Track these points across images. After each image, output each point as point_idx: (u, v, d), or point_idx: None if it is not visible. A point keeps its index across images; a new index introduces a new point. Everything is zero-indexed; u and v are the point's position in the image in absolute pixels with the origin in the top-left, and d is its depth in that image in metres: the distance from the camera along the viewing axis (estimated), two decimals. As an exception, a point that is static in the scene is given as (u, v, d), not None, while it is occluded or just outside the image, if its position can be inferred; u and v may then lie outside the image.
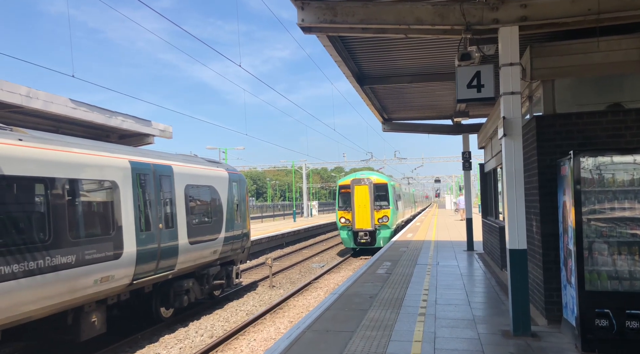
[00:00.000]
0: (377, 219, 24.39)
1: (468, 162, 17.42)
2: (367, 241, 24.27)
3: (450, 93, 13.71)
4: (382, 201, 24.82)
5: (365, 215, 24.25)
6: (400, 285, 10.70)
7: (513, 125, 6.81)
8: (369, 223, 24.20)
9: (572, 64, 7.33)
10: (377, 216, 24.43)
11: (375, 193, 24.65)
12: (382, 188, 25.17)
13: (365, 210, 24.31)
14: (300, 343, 6.62)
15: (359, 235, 24.38)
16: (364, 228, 24.25)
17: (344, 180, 26.23)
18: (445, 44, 9.39)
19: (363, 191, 24.47)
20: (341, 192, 25.64)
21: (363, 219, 24.26)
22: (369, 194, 24.36)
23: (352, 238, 24.58)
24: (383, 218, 24.44)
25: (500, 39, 6.88)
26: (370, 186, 24.53)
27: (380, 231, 24.50)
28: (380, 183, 25.16)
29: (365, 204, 24.30)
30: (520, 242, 6.76)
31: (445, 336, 6.76)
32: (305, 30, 7.52)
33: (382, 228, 24.50)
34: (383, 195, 24.99)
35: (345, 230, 24.77)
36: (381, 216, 24.49)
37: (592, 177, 6.16)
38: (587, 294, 5.96)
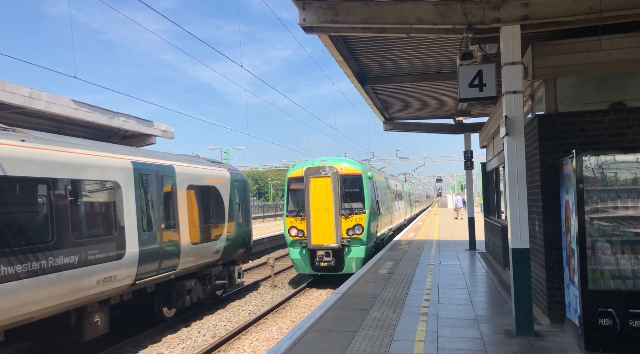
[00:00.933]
0: (346, 230, 15.97)
1: (470, 161, 17.41)
2: (329, 265, 15.75)
3: (452, 92, 13.69)
4: (355, 203, 16.33)
5: (327, 224, 15.76)
6: (403, 284, 10.69)
7: (515, 124, 6.79)
8: (333, 236, 15.67)
9: (575, 63, 7.32)
10: (346, 225, 16.00)
11: (343, 189, 16.26)
12: (355, 182, 16.59)
13: (327, 216, 15.78)
14: (302, 343, 6.62)
15: (318, 255, 15.82)
16: (324, 244, 15.71)
17: (295, 171, 17.17)
18: (446, 43, 9.38)
19: (323, 187, 15.92)
20: (291, 189, 16.93)
21: (323, 230, 15.75)
22: (333, 191, 15.79)
23: (308, 259, 16.10)
24: (355, 229, 15.99)
25: (502, 38, 6.87)
26: (335, 179, 15.83)
27: (351, 250, 15.95)
28: (351, 174, 16.53)
29: (327, 207, 15.77)
30: (522, 241, 6.75)
31: (448, 336, 6.75)
32: (307, 30, 7.52)
33: (354, 245, 15.96)
34: (356, 192, 16.49)
35: (298, 246, 16.22)
36: (352, 225, 16.03)
37: (595, 175, 6.14)
38: (590, 293, 5.94)
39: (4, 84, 9.73)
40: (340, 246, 15.73)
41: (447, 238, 22.01)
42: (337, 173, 15.98)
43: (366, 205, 16.29)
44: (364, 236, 15.99)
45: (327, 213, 15.79)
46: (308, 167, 16.28)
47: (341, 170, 16.28)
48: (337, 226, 15.77)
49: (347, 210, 16.15)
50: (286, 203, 16.90)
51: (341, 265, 15.99)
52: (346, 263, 15.97)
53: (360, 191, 16.47)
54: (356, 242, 16.01)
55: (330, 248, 15.76)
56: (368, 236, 16.24)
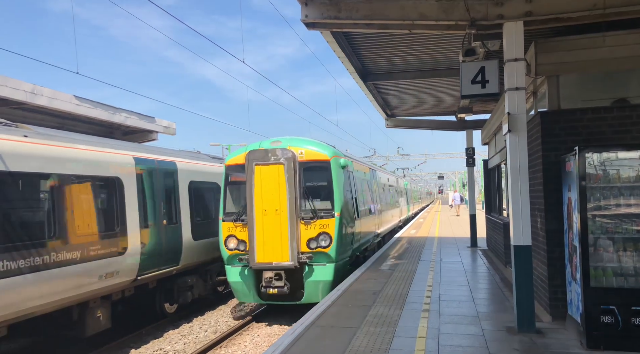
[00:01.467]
0: (307, 241, 11.22)
1: (472, 158, 17.38)
2: (281, 292, 11.03)
3: (454, 89, 13.66)
4: (320, 201, 11.55)
5: (278, 233, 11.10)
6: (404, 281, 10.70)
7: (518, 121, 6.78)
8: (286, 251, 11.03)
9: (578, 60, 7.29)
10: (307, 234, 11.25)
11: (303, 182, 11.44)
12: (321, 172, 11.72)
13: (278, 222, 11.12)
14: (304, 339, 6.63)
15: (265, 278, 11.13)
16: (274, 262, 11.05)
17: (236, 155, 12.05)
18: (449, 39, 9.35)
19: (273, 179, 11.20)
20: (230, 182, 12.02)
21: (273, 242, 11.10)
22: (288, 184, 11.12)
23: (252, 282, 11.31)
24: (320, 240, 11.23)
25: (505, 35, 6.84)
26: (291, 168, 11.19)
27: (314, 270, 11.18)
28: (315, 162, 11.65)
29: (279, 207, 11.12)
30: (524, 238, 6.75)
31: (449, 333, 6.76)
32: (309, 26, 7.51)
33: (318, 261, 11.20)
34: (322, 187, 11.68)
35: (237, 264, 11.39)
36: (315, 234, 11.26)
37: (597, 173, 6.13)
38: (592, 290, 5.94)
39: (6, 80, 9.74)
40: (296, 266, 10.81)
41: (448, 235, 22.01)
42: (293, 159, 11.10)
43: (336, 204, 11.29)
44: (332, 250, 11.00)
45: (278, 217, 10.94)
46: (252, 151, 11.24)
47: (300, 154, 11.30)
48: (293, 235, 10.88)
49: (308, 212, 11.14)
50: (223, 202, 11.76)
51: (299, 291, 11.09)
52: (307, 289, 10.99)
53: (329, 186, 11.46)
54: (321, 258, 11.02)
55: (283, 268, 10.84)
56: (339, 250, 11.19)
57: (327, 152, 11.75)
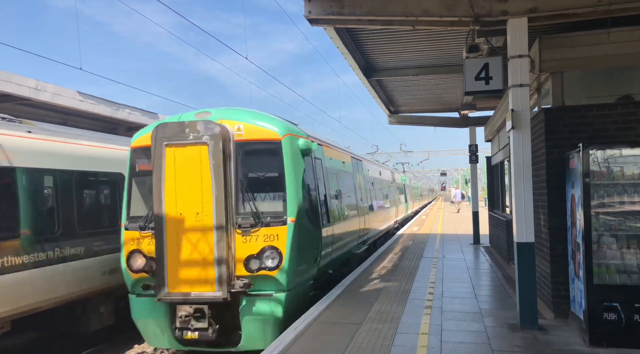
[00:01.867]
0: (246, 261, 7.62)
1: (475, 154, 17.35)
2: (203, 336, 7.45)
3: (458, 85, 13.62)
4: (266, 201, 8.17)
5: (200, 248, 7.52)
6: (407, 277, 10.70)
7: (521, 117, 6.76)
8: (212, 274, 7.44)
9: (582, 56, 7.26)
10: (245, 249, 7.65)
11: (241, 171, 7.94)
12: (266, 157, 8.20)
13: (200, 231, 7.54)
14: (307, 335, 6.65)
15: (180, 316, 7.50)
16: (193, 291, 7.45)
17: (145, 133, 8.34)
18: (453, 35, 9.31)
19: (192, 165, 7.61)
20: (138, 171, 8.40)
21: (191, 262, 7.52)
22: (214, 174, 7.54)
23: (167, 319, 7.74)
24: (264, 258, 7.62)
25: (509, 31, 6.81)
26: (219, 149, 7.56)
27: (255, 303, 7.61)
28: (258, 142, 8.02)
29: (202, 209, 7.54)
30: (527, 235, 6.74)
31: (452, 329, 6.76)
32: (312, 22, 7.49)
33: (262, 289, 7.61)
34: (271, 181, 8.20)
35: (142, 292, 7.85)
36: (257, 249, 7.64)
37: (601, 170, 6.11)
38: (595, 287, 5.93)
39: (10, 76, 9.76)
40: (227, 298, 7.38)
41: (451, 232, 21.99)
42: (224, 137, 7.60)
43: (291, 205, 7.80)
44: (283, 273, 7.52)
45: (200, 224, 7.52)
46: (161, 124, 7.78)
47: (238, 132, 7.86)
48: (223, 252, 7.42)
49: (248, 217, 7.67)
50: (126, 201, 8.29)
51: (235, 333, 7.70)
52: (245, 331, 7.60)
53: (280, 178, 7.96)
54: (267, 285, 7.58)
55: (206, 301, 7.43)
56: (294, 271, 7.69)
57: (277, 127, 7.92)
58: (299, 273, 7.93)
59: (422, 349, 5.95)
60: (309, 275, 8.51)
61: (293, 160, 8.04)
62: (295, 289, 7.90)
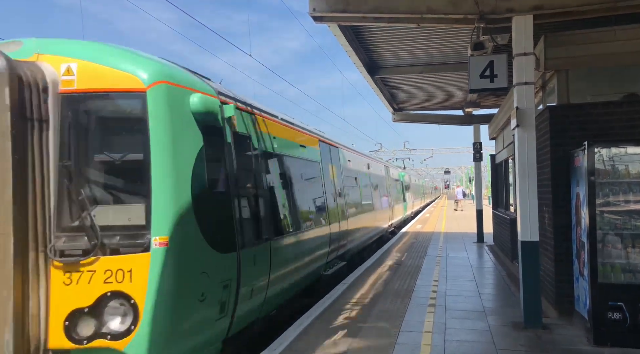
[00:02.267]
0: (67, 319, 4.23)
1: (479, 152, 17.30)
2: None
3: (462, 83, 13.58)
4: (120, 204, 4.61)
5: None
6: (410, 276, 10.69)
7: (526, 115, 6.73)
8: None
9: (588, 54, 7.22)
10: (67, 297, 4.26)
11: (70, 146, 4.53)
12: (117, 120, 4.75)
13: None
14: (310, 332, 6.64)
15: None
16: None
17: None
18: (457, 33, 9.29)
19: None
20: None
21: None
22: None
23: None
24: (105, 313, 4.25)
25: (514, 28, 6.78)
26: (2, 104, 4.07)
27: None
28: (100, 94, 4.57)
29: None
30: (532, 234, 6.72)
31: (456, 327, 6.75)
32: (317, 19, 7.48)
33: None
34: (128, 167, 4.61)
35: None
36: (93, 298, 4.26)
37: (606, 168, 6.07)
38: (600, 287, 5.90)
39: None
40: None
41: (454, 230, 21.96)
42: (23, 81, 4.32)
43: (161, 212, 4.47)
44: (139, 346, 4.25)
45: None
46: None
47: (66, 75, 4.64)
48: (13, 305, 4.07)
49: (76, 235, 4.43)
50: None
51: None
52: None
53: (143, 162, 4.59)
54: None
55: None
56: (165, 340, 4.40)
57: (141, 69, 4.71)
58: (177, 339, 4.59)
59: (426, 347, 5.94)
60: (206, 335, 5.07)
61: (172, 129, 4.68)
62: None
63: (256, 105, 7.06)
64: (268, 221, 6.58)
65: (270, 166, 7.10)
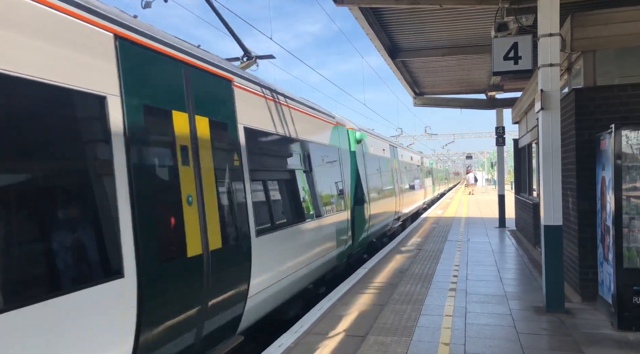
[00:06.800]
0: None
1: (502, 137, 17.06)
2: None
3: (485, 66, 13.36)
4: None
5: None
6: (431, 260, 10.68)
7: (551, 98, 6.60)
8: None
9: (616, 34, 7.03)
10: None
11: None
12: None
13: None
14: (331, 315, 6.72)
15: None
16: None
17: None
18: (481, 14, 9.12)
19: None
20: None
21: None
22: None
23: None
24: None
25: (540, 9, 6.62)
26: None
27: None
28: None
29: None
30: (555, 218, 6.64)
31: (477, 311, 6.75)
32: (337, 2, 7.42)
33: None
34: None
35: None
36: None
37: (634, 152, 5.95)
38: (624, 271, 5.83)
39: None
40: None
41: (475, 215, 21.79)
42: None
43: None
44: None
45: None
46: None
47: None
48: None
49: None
50: None
51: None
52: None
53: None
54: None
55: None
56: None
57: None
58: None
59: (447, 330, 5.97)
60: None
61: None
62: None
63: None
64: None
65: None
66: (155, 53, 4.38)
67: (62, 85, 3.34)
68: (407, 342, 5.58)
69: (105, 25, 3.82)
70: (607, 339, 5.59)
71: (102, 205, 3.58)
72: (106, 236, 3.59)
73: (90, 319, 3.40)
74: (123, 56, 3.94)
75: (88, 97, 3.57)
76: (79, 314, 3.31)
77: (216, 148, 5.19)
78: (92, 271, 3.45)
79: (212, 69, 5.30)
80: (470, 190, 44.16)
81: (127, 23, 4.10)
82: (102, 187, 3.60)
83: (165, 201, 4.29)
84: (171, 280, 4.27)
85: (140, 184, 3.95)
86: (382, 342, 5.59)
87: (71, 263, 3.31)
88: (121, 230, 3.71)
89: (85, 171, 3.47)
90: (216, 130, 5.23)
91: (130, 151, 3.87)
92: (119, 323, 3.67)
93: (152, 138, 4.20)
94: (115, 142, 3.76)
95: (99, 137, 3.65)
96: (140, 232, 3.89)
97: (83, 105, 3.53)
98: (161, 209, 4.20)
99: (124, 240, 3.74)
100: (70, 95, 3.42)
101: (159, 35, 4.52)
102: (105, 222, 3.60)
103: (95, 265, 3.49)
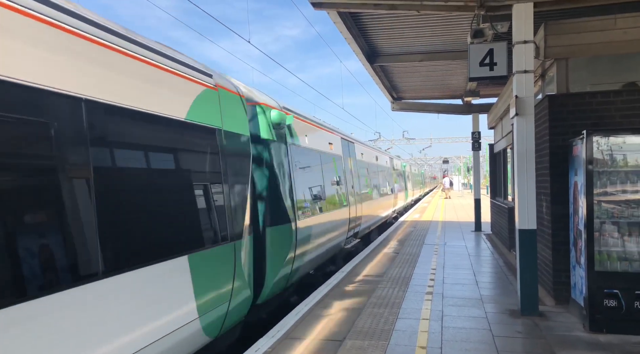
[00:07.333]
0: None
1: (477, 142, 17.30)
2: None
3: (461, 72, 13.54)
4: None
5: None
6: (408, 264, 10.74)
7: (525, 104, 6.72)
8: None
9: (588, 42, 7.19)
10: None
11: None
12: None
13: None
14: (308, 320, 6.69)
15: None
16: None
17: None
18: (457, 20, 9.24)
19: None
20: None
21: None
22: None
23: None
24: None
25: (515, 16, 6.74)
26: None
27: None
28: None
29: None
30: (530, 222, 6.74)
31: (453, 315, 6.80)
32: (316, 6, 7.43)
33: None
34: None
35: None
36: None
37: (604, 157, 6.08)
38: (596, 274, 5.95)
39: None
40: None
41: (452, 219, 22.03)
42: None
43: None
44: None
45: None
46: None
47: None
48: None
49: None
50: None
51: None
52: None
53: None
54: None
55: None
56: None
57: None
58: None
59: (423, 334, 6.00)
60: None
61: None
62: None
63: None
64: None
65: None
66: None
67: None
68: (385, 346, 5.58)
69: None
70: (579, 341, 5.69)
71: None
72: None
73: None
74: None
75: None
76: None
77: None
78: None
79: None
80: (446, 194, 45.58)
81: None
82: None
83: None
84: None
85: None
86: (360, 346, 5.59)
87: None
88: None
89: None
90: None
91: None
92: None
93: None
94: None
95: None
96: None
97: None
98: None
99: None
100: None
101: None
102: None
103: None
